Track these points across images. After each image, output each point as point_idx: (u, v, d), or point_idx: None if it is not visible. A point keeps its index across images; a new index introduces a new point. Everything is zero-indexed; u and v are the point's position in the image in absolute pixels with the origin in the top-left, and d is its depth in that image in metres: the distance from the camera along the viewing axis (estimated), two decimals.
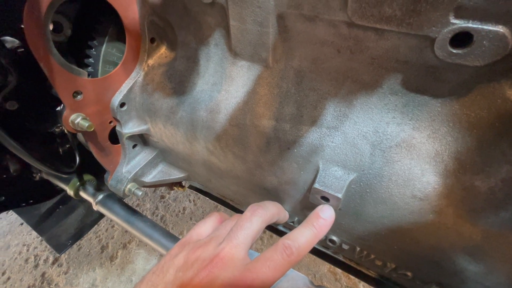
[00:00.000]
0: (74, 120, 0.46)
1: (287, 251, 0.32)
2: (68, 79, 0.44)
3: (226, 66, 0.46)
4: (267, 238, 1.52)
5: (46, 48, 0.39)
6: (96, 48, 0.50)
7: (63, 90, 0.44)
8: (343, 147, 0.37)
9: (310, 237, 0.34)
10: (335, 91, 0.38)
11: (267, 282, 0.30)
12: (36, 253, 1.60)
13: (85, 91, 0.47)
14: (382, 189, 0.35)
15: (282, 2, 0.34)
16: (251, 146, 0.44)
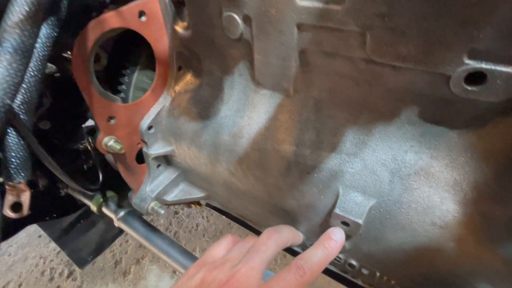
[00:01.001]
0: (107, 142, 0.50)
1: (300, 272, 0.33)
2: (104, 105, 0.48)
3: (249, 94, 0.49)
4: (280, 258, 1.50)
5: (89, 78, 0.44)
6: (129, 75, 0.55)
7: (99, 116, 0.48)
8: (363, 173, 0.38)
9: (322, 258, 0.35)
10: (353, 120, 0.40)
11: None
12: (52, 266, 1.64)
13: (118, 115, 0.51)
14: (402, 216, 0.36)
15: (304, 40, 0.37)
16: (272, 170, 0.46)
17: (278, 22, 0.37)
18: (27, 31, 0.27)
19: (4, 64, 0.25)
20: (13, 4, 0.27)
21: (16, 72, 0.25)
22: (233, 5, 0.39)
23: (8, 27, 0.26)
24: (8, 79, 0.25)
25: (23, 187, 0.36)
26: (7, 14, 0.26)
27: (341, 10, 0.31)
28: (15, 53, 0.25)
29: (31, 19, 0.27)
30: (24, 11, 0.27)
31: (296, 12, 0.34)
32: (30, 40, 0.27)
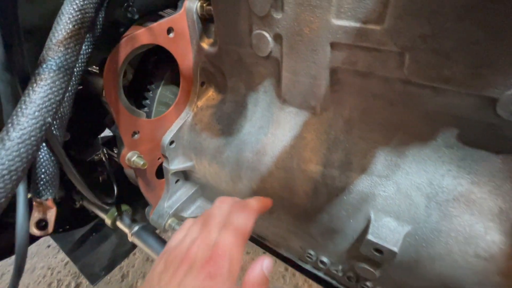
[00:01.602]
0: (131, 157, 0.50)
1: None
2: (130, 120, 0.48)
3: (273, 111, 0.48)
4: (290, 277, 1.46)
5: (117, 93, 0.44)
6: (153, 90, 0.55)
7: (124, 130, 0.48)
8: (396, 197, 0.37)
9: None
10: (385, 141, 0.39)
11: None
12: (59, 277, 1.62)
13: (142, 130, 0.51)
14: (440, 245, 0.34)
15: (337, 59, 0.37)
16: (297, 190, 0.44)
17: (311, 41, 0.37)
18: (70, 49, 0.27)
19: (48, 83, 0.25)
20: (58, 22, 0.27)
21: (59, 90, 0.25)
22: (264, 24, 0.39)
23: (52, 45, 0.26)
24: (51, 97, 0.25)
25: (50, 204, 0.36)
26: (52, 33, 0.27)
27: (379, 30, 0.31)
28: (59, 71, 0.25)
29: (75, 37, 0.27)
30: (69, 29, 0.27)
31: (331, 31, 0.34)
32: (72, 58, 0.27)
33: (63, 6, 0.28)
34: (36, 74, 0.25)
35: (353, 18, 0.32)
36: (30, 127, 0.23)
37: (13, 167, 0.22)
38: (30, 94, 0.24)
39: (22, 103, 0.24)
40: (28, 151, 0.23)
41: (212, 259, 0.30)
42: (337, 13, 0.33)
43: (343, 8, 0.32)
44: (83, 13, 0.28)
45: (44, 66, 0.25)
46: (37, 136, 0.24)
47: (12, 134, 0.22)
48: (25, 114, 0.23)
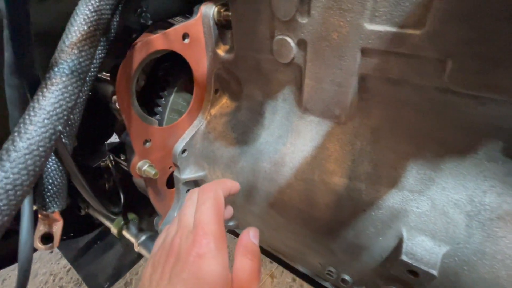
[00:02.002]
0: (141, 166, 0.47)
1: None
2: (142, 128, 0.46)
3: (293, 120, 0.46)
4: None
5: (130, 100, 0.42)
6: (166, 97, 0.53)
7: (136, 138, 0.45)
8: (431, 214, 0.33)
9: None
10: (417, 153, 0.36)
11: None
12: (61, 284, 1.59)
13: (154, 138, 0.49)
14: (485, 269, 0.30)
15: (367, 66, 0.34)
16: (319, 204, 0.42)
17: (339, 47, 0.34)
18: (84, 52, 0.25)
19: (59, 87, 0.22)
20: (72, 23, 0.25)
21: (71, 96, 0.23)
22: (288, 29, 0.37)
23: (65, 48, 0.24)
24: (62, 104, 0.22)
25: (57, 217, 0.33)
26: (65, 34, 0.25)
27: (419, 35, 0.28)
28: (71, 75, 0.23)
29: (90, 39, 0.25)
30: (84, 31, 0.25)
31: (362, 36, 0.32)
32: (86, 61, 0.25)
33: (78, 6, 0.26)
34: (47, 78, 0.23)
35: (389, 22, 0.30)
36: (38, 137, 0.21)
37: (18, 181, 0.20)
38: (39, 100, 0.22)
39: (30, 109, 0.21)
40: (36, 163, 0.21)
41: (195, 241, 0.30)
42: (370, 17, 0.30)
43: (378, 12, 0.30)
44: (99, 15, 0.26)
45: (56, 69, 0.23)
46: (46, 146, 0.21)
47: (18, 144, 0.20)
48: (33, 122, 0.21)
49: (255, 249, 0.34)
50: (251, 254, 0.33)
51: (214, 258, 0.29)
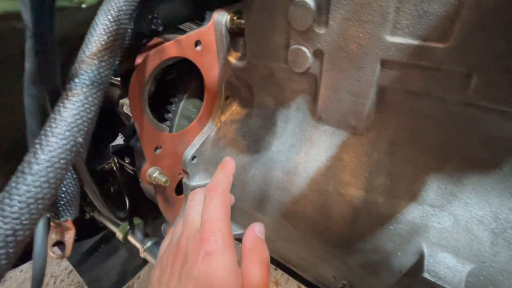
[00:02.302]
0: (152, 174, 0.47)
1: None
2: (153, 135, 0.45)
3: (306, 129, 0.45)
4: None
5: (142, 107, 0.41)
6: (176, 104, 0.53)
7: (147, 145, 0.45)
8: (454, 230, 0.33)
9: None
10: (438, 166, 0.35)
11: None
12: (62, 286, 1.58)
13: (164, 145, 0.48)
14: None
15: (387, 77, 0.33)
16: (334, 216, 0.41)
17: (358, 58, 0.34)
18: (104, 62, 0.24)
19: (80, 99, 0.22)
20: (92, 33, 0.25)
21: (91, 107, 0.23)
22: (304, 39, 0.36)
23: (86, 58, 0.23)
24: (83, 115, 0.22)
25: (70, 226, 0.33)
26: (85, 44, 0.24)
27: (443, 48, 0.28)
28: (92, 86, 0.23)
29: (109, 49, 0.25)
30: (104, 41, 0.24)
31: (382, 48, 0.31)
32: (106, 71, 0.25)
33: (97, 16, 0.26)
34: (68, 89, 0.22)
35: (411, 35, 0.29)
36: (60, 149, 0.20)
37: (39, 194, 0.19)
38: (61, 111, 0.21)
39: (51, 121, 0.21)
40: (57, 176, 0.20)
41: (203, 239, 0.30)
42: (392, 30, 0.30)
43: (399, 25, 0.29)
44: (118, 24, 0.26)
45: (77, 80, 0.22)
46: (67, 158, 0.21)
47: (40, 157, 0.20)
48: (55, 134, 0.20)
49: (262, 244, 0.34)
50: (259, 249, 0.33)
51: (223, 255, 0.29)
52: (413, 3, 0.28)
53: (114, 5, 0.26)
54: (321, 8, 0.33)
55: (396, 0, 0.29)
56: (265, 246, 0.33)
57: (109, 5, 0.26)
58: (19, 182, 0.19)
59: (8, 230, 0.18)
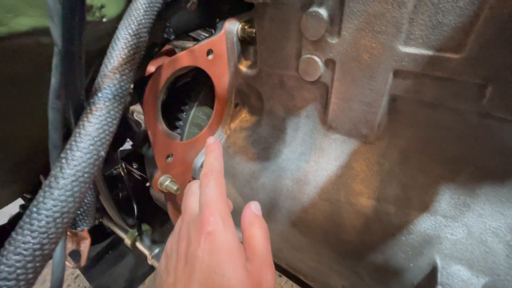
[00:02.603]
0: (163, 182, 0.47)
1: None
2: (165, 143, 0.46)
3: (316, 137, 0.45)
4: None
5: (156, 116, 0.42)
6: (187, 111, 0.53)
7: (159, 153, 0.45)
8: (467, 242, 0.32)
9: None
10: (451, 176, 0.35)
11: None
12: None
13: (175, 153, 0.49)
14: None
15: (399, 87, 0.34)
16: (345, 225, 0.41)
17: (370, 67, 0.34)
18: (125, 76, 0.25)
19: (103, 113, 0.22)
20: (113, 48, 0.25)
21: (113, 120, 0.23)
22: (316, 49, 0.37)
23: (108, 72, 0.24)
24: (106, 129, 0.22)
25: (85, 235, 0.33)
26: (107, 58, 0.25)
27: (457, 59, 0.28)
28: (114, 100, 0.23)
29: (130, 63, 0.26)
30: (124, 55, 0.25)
31: (395, 58, 0.31)
32: (127, 84, 0.25)
33: (119, 30, 0.26)
34: (91, 103, 0.23)
35: (425, 45, 0.29)
36: (84, 163, 0.21)
37: (65, 208, 0.20)
38: (85, 126, 0.22)
39: (76, 135, 0.21)
40: (81, 189, 0.21)
41: (203, 221, 0.31)
42: (405, 40, 0.30)
43: (413, 35, 0.30)
44: (138, 38, 0.27)
45: (100, 94, 0.23)
46: (90, 172, 0.21)
47: (66, 171, 0.20)
48: (79, 148, 0.21)
49: (260, 219, 0.35)
50: (257, 223, 0.33)
51: (224, 233, 0.30)
52: (428, 14, 0.28)
53: (135, 19, 0.26)
54: (334, 19, 0.34)
55: (410, 11, 0.29)
56: (263, 220, 0.35)
57: (130, 19, 0.26)
58: (46, 197, 0.19)
59: (36, 244, 0.18)
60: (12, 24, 0.22)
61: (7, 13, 0.21)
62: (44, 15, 0.23)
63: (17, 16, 0.22)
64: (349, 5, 0.31)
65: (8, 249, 0.18)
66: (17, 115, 0.31)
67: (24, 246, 0.18)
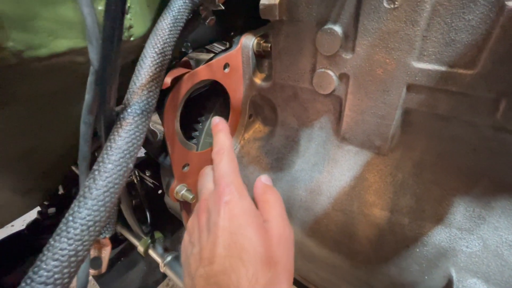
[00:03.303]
0: (179, 191, 0.49)
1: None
2: (183, 153, 0.47)
3: (329, 148, 0.46)
4: None
5: (175, 128, 0.44)
6: (203, 122, 0.55)
7: (177, 163, 0.47)
8: (483, 255, 0.32)
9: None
10: (465, 189, 0.35)
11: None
12: None
13: (192, 163, 0.50)
14: None
15: (413, 101, 0.34)
16: (359, 236, 0.41)
17: (384, 82, 0.35)
18: (152, 92, 0.26)
19: (132, 127, 0.24)
20: (141, 65, 0.27)
21: (141, 134, 0.25)
22: (331, 64, 0.38)
23: (136, 89, 0.26)
24: (134, 142, 0.24)
25: (107, 242, 0.35)
26: (135, 76, 0.27)
27: (470, 75, 0.28)
28: (142, 115, 0.25)
29: (156, 80, 0.27)
30: (151, 72, 0.27)
31: (409, 73, 0.32)
32: (154, 100, 0.27)
33: (145, 49, 0.28)
34: (122, 118, 0.24)
35: (438, 61, 0.30)
36: (115, 175, 0.22)
37: (97, 217, 0.21)
38: (116, 140, 0.23)
39: (108, 149, 0.23)
40: (112, 200, 0.22)
41: (219, 193, 0.34)
42: (418, 56, 0.31)
43: (426, 52, 0.30)
44: (163, 56, 0.28)
45: (129, 110, 0.25)
46: (120, 183, 0.23)
47: (98, 182, 0.21)
48: (111, 161, 0.22)
49: (271, 187, 0.38)
50: (269, 191, 0.37)
51: (240, 201, 0.33)
52: (441, 32, 0.29)
53: (160, 38, 0.28)
54: (348, 35, 0.35)
55: (424, 29, 0.30)
56: (274, 188, 0.38)
57: (156, 38, 0.28)
58: (81, 206, 0.21)
59: (72, 251, 0.20)
60: (52, 46, 0.24)
61: (48, 36, 0.23)
62: (80, 37, 0.25)
63: (56, 38, 0.24)
64: (363, 23, 0.32)
65: (47, 255, 0.19)
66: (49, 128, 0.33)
67: (61, 252, 0.19)
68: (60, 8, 0.23)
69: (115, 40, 0.20)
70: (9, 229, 1.00)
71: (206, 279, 0.29)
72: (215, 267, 0.29)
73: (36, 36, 0.22)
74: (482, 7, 0.26)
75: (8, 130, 0.28)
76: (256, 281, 0.28)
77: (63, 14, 0.23)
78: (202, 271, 0.30)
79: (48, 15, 0.22)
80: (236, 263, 0.29)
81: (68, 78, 0.28)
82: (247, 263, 0.29)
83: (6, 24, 0.20)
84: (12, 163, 0.36)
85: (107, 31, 0.19)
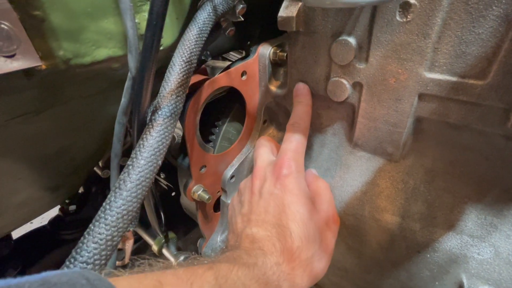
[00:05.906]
0: (196, 191, 0.51)
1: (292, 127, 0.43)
2: (201, 155, 0.50)
3: (342, 154, 0.48)
4: None
5: (194, 131, 0.46)
6: (220, 127, 0.58)
7: (195, 165, 0.49)
8: (495, 263, 0.33)
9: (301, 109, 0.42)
10: (477, 197, 0.35)
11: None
12: None
13: (208, 165, 0.52)
14: None
15: (425, 110, 0.35)
16: (370, 241, 0.42)
17: (396, 91, 0.36)
18: (179, 97, 0.29)
19: (161, 128, 0.26)
20: (170, 72, 0.30)
21: (169, 134, 0.27)
22: (345, 73, 0.40)
23: (166, 94, 0.28)
24: (164, 141, 0.26)
25: (130, 235, 0.37)
26: (165, 82, 0.29)
27: (481, 85, 0.30)
28: (170, 117, 0.27)
29: (183, 86, 0.30)
30: (179, 79, 0.29)
31: (421, 83, 0.34)
32: (181, 104, 0.29)
33: (174, 57, 0.31)
34: (153, 120, 0.27)
35: (449, 72, 0.31)
36: (146, 169, 0.25)
37: (130, 207, 0.23)
38: (147, 139, 0.26)
39: (140, 146, 0.26)
40: (143, 192, 0.24)
41: (280, 165, 0.36)
42: (430, 67, 0.32)
43: (438, 63, 0.32)
44: (190, 64, 0.31)
45: (160, 112, 0.27)
46: (150, 178, 0.25)
47: (132, 176, 0.24)
48: (143, 157, 0.25)
49: (321, 178, 0.43)
50: (320, 179, 0.41)
51: (297, 178, 0.35)
52: (452, 44, 0.31)
53: (187, 48, 0.31)
54: (362, 46, 0.37)
55: (435, 41, 0.31)
56: (322, 179, 0.41)
57: (183, 48, 0.31)
58: (117, 196, 0.23)
59: (108, 235, 0.22)
60: (94, 54, 0.27)
61: (92, 46, 0.26)
62: (117, 46, 0.28)
63: (98, 48, 0.27)
64: (377, 35, 0.34)
65: (88, 238, 0.22)
66: (83, 128, 0.36)
67: (100, 236, 0.22)
68: (104, 22, 0.26)
69: (153, 50, 0.22)
70: (28, 226, 1.05)
71: (251, 242, 0.31)
72: (261, 232, 0.31)
73: (82, 46, 0.25)
74: (491, 21, 0.27)
75: (51, 130, 0.31)
76: (299, 254, 0.30)
77: (106, 27, 0.26)
78: (249, 232, 0.32)
79: (94, 28, 0.25)
80: (284, 233, 0.30)
81: (104, 83, 0.31)
82: (294, 236, 0.30)
83: (60, 36, 0.23)
84: (47, 161, 0.40)
85: (147, 42, 0.22)
